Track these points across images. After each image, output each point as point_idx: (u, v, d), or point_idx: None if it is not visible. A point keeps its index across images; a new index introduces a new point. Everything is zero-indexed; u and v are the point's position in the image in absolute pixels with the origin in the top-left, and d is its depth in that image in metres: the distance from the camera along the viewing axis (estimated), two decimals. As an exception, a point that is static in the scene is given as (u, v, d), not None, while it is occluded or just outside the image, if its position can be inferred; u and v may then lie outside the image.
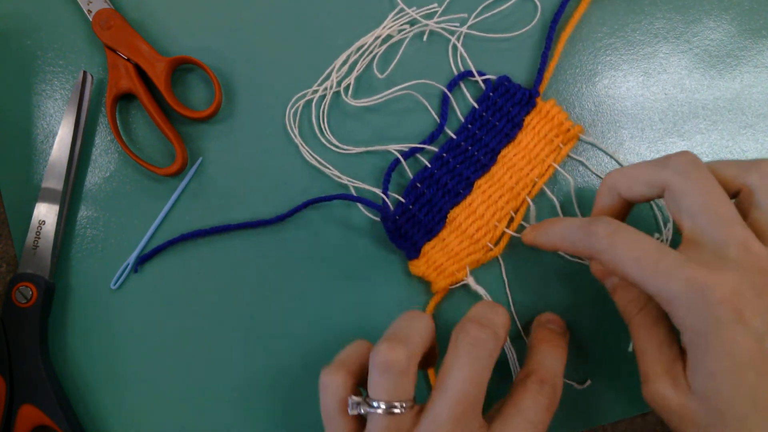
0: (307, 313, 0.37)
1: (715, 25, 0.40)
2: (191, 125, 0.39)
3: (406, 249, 0.36)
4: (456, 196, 0.37)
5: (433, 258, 0.36)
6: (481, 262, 0.36)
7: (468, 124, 0.37)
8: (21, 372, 0.35)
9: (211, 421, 0.37)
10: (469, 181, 0.37)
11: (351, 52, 0.38)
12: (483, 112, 0.37)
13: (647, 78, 0.39)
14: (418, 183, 0.37)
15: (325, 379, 0.29)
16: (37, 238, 0.37)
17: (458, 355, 0.27)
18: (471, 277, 0.36)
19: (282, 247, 0.38)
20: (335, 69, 0.38)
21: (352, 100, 0.38)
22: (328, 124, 0.38)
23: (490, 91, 0.38)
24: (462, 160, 0.37)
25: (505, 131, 0.37)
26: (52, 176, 0.37)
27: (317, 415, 0.37)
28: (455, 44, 0.38)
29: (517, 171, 0.36)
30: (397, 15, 0.39)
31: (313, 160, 0.38)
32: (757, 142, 0.39)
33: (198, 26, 0.39)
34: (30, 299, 0.36)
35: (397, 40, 0.39)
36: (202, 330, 0.37)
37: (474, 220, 0.36)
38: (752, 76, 0.39)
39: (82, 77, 0.37)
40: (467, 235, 0.36)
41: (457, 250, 0.36)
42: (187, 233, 0.37)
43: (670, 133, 0.39)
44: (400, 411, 0.26)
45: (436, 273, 0.36)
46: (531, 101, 0.37)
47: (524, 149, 0.37)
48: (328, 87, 0.38)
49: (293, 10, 0.40)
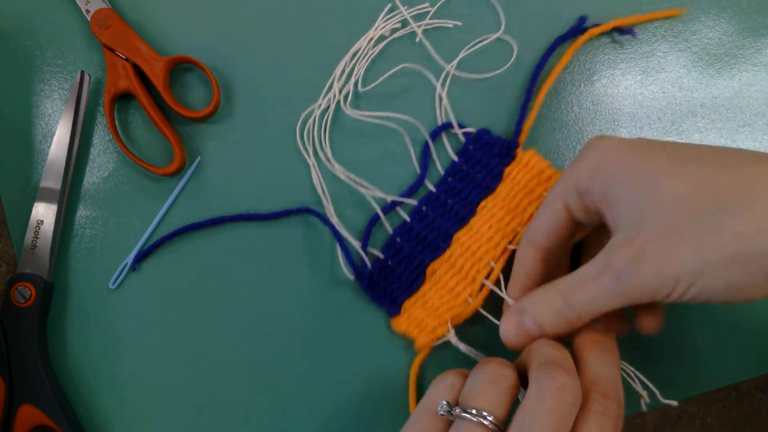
0: (307, 310, 0.37)
1: (714, 23, 0.40)
2: (190, 125, 0.39)
3: (386, 306, 0.36)
4: (435, 249, 0.36)
5: (414, 314, 0.35)
6: (464, 316, 0.34)
7: (448, 176, 0.37)
8: (20, 372, 0.35)
9: (211, 419, 0.37)
10: (448, 234, 0.36)
11: (347, 60, 0.38)
12: (462, 164, 0.37)
13: (645, 76, 0.39)
14: (397, 238, 0.36)
15: (438, 377, 0.29)
16: (35, 238, 0.37)
17: (544, 399, 0.25)
18: (453, 333, 0.34)
19: (279, 244, 0.38)
20: (336, 79, 0.38)
21: (350, 110, 0.38)
22: (330, 138, 0.38)
23: (469, 144, 0.37)
24: (441, 213, 0.36)
25: (485, 183, 0.36)
26: (51, 176, 0.37)
27: (317, 415, 0.37)
28: (440, 95, 0.38)
29: (497, 222, 0.35)
30: (387, 15, 0.39)
31: (318, 184, 0.37)
32: (756, 141, 0.39)
33: (196, 26, 0.39)
34: (29, 299, 0.36)
35: (394, 38, 0.39)
36: (200, 329, 0.37)
37: (453, 273, 0.35)
38: (750, 75, 0.39)
39: (80, 77, 0.37)
40: (447, 289, 0.35)
41: (437, 305, 0.35)
42: (182, 227, 0.37)
43: (668, 131, 0.39)
44: (489, 425, 0.25)
45: (418, 330, 0.35)
46: (511, 153, 0.37)
47: (504, 200, 0.36)
48: (331, 98, 0.38)
49: (292, 9, 0.40)
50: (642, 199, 0.26)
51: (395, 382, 0.36)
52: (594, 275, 0.27)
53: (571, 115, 0.39)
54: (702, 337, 0.36)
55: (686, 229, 0.25)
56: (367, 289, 0.36)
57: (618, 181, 0.27)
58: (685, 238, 0.25)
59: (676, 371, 0.36)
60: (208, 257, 0.38)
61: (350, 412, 0.36)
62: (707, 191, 0.25)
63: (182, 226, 0.37)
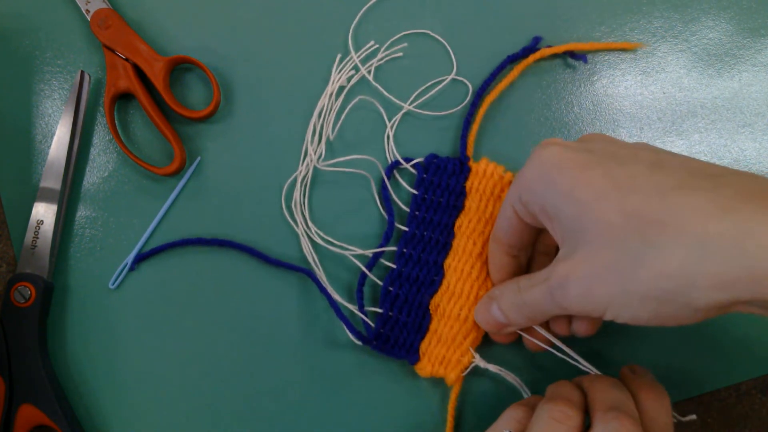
0: (309, 313, 0.37)
1: (714, 23, 0.40)
2: (190, 125, 0.39)
3: (403, 356, 0.35)
4: (431, 285, 0.36)
5: (434, 353, 0.35)
6: (481, 337, 0.35)
7: (414, 211, 0.37)
8: (20, 372, 0.35)
9: (211, 420, 0.37)
10: (437, 265, 0.36)
11: (315, 120, 0.38)
12: (423, 195, 0.37)
13: (645, 77, 0.39)
14: (389, 287, 0.36)
15: (507, 410, 0.30)
16: (35, 238, 0.37)
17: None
18: (478, 357, 0.35)
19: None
20: (308, 142, 0.38)
21: (321, 164, 0.37)
22: (310, 199, 0.38)
23: (422, 173, 0.37)
24: (423, 248, 0.36)
25: (452, 203, 0.36)
26: (51, 176, 0.37)
27: (318, 414, 0.37)
28: (388, 134, 0.38)
29: (478, 235, 0.35)
30: (339, 65, 0.38)
31: (308, 253, 0.37)
32: (756, 141, 0.39)
33: (196, 26, 0.39)
34: (29, 299, 0.36)
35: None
36: (200, 329, 0.37)
37: (456, 300, 0.35)
38: (751, 75, 0.39)
39: (80, 77, 0.37)
40: (455, 317, 0.35)
41: (452, 335, 0.35)
42: (188, 239, 0.37)
43: (668, 132, 0.39)
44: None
45: (443, 367, 0.35)
46: (465, 167, 0.37)
47: (477, 212, 0.36)
48: (309, 162, 0.38)
49: (291, 9, 0.40)
50: (578, 221, 0.27)
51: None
52: (540, 282, 0.29)
53: (571, 116, 0.39)
54: (702, 338, 0.36)
55: (613, 259, 0.25)
56: (378, 349, 0.35)
57: (555, 197, 0.27)
58: (611, 269, 0.25)
59: (677, 371, 0.36)
60: (209, 257, 0.38)
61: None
62: (635, 222, 0.25)
63: (189, 237, 0.37)
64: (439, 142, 0.38)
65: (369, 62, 0.39)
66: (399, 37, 0.39)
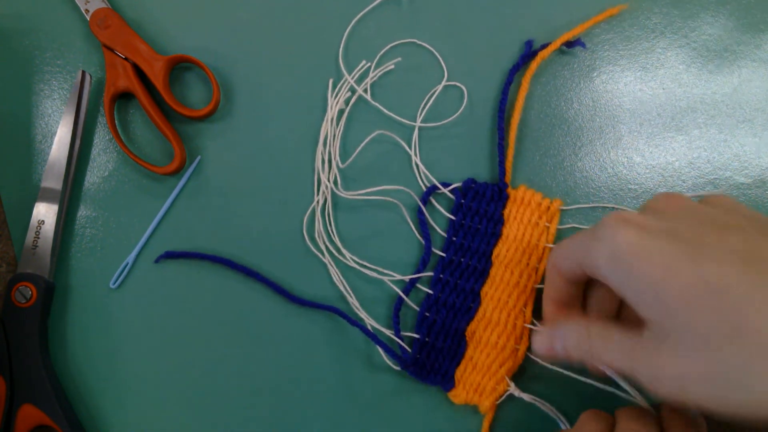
0: (309, 314, 0.37)
1: (713, 19, 0.40)
2: (190, 124, 0.39)
3: (438, 383, 0.35)
4: (468, 311, 0.36)
5: (469, 381, 0.35)
6: (517, 365, 0.35)
7: (452, 237, 0.36)
8: (21, 372, 0.35)
9: (211, 420, 0.37)
10: (474, 292, 0.36)
11: (320, 150, 0.38)
12: (461, 220, 0.36)
13: (645, 73, 0.39)
14: (426, 313, 0.36)
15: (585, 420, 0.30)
16: (36, 238, 0.37)
17: None
18: (513, 386, 0.35)
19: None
20: (320, 170, 0.38)
21: (344, 193, 0.37)
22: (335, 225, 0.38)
23: (461, 199, 0.37)
24: (460, 275, 0.36)
25: (490, 231, 0.36)
26: (51, 176, 0.37)
27: (318, 414, 0.37)
28: (416, 162, 0.38)
29: (516, 265, 0.35)
30: (334, 90, 0.38)
31: (338, 282, 0.37)
32: (755, 136, 0.39)
33: (196, 25, 0.39)
34: (30, 299, 0.36)
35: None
36: (201, 329, 0.37)
37: (493, 328, 0.35)
38: (750, 71, 0.39)
39: (81, 77, 0.37)
40: (492, 345, 0.35)
41: (488, 363, 0.35)
42: (220, 257, 0.37)
43: (668, 127, 0.39)
44: None
45: (478, 394, 0.35)
46: (503, 194, 0.37)
47: (515, 241, 0.36)
48: (324, 189, 0.37)
49: (291, 8, 0.40)
50: (666, 320, 0.25)
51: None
52: (619, 346, 0.27)
53: (570, 112, 0.39)
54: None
55: (714, 370, 0.23)
56: (415, 374, 0.35)
57: (634, 289, 0.26)
58: (710, 378, 0.24)
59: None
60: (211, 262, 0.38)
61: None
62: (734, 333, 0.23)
63: (226, 258, 0.37)
64: (449, 152, 0.38)
65: (363, 81, 0.38)
66: (387, 50, 0.39)
